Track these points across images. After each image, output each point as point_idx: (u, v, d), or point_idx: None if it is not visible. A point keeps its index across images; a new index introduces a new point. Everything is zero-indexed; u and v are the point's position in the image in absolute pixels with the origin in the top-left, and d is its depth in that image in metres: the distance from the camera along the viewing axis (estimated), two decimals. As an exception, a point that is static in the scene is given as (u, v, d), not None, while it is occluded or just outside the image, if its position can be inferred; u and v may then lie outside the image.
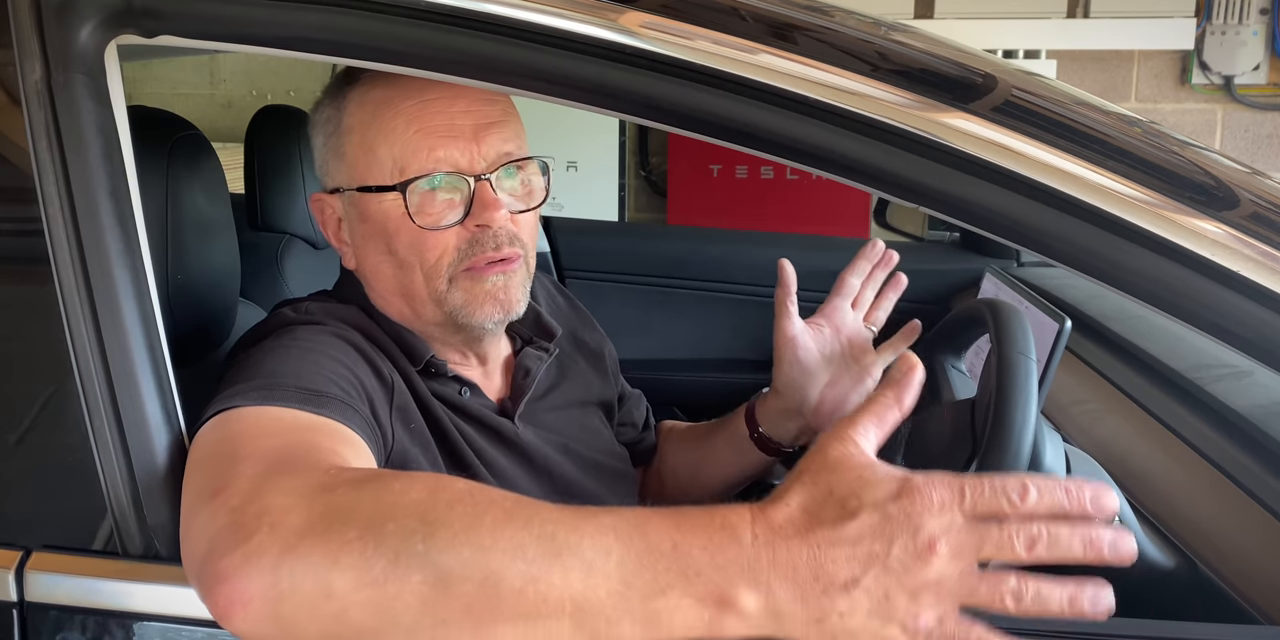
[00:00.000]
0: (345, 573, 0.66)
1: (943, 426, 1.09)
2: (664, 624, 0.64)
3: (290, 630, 0.69)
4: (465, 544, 0.66)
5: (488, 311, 1.05)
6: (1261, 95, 3.64)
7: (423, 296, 1.06)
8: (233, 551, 0.69)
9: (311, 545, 0.67)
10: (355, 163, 1.05)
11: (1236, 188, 0.98)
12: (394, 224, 1.03)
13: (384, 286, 1.09)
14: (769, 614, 0.63)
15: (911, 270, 2.15)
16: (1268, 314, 0.83)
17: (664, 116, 0.87)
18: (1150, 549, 1.04)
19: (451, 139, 1.02)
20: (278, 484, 0.73)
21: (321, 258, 1.84)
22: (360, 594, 0.66)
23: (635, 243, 2.31)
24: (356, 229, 1.08)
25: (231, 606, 0.68)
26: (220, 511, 0.73)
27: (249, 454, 0.79)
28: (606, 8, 0.87)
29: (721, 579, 0.63)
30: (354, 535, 0.67)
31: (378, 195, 1.03)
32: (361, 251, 1.09)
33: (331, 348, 0.99)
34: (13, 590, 0.86)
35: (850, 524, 0.63)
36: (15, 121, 0.87)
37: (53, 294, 0.86)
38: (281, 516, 0.69)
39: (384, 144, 1.03)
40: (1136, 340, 1.49)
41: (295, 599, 0.67)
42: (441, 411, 1.07)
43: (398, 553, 0.66)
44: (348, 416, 0.90)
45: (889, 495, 0.63)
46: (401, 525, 0.67)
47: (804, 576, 0.63)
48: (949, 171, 0.85)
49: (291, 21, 0.88)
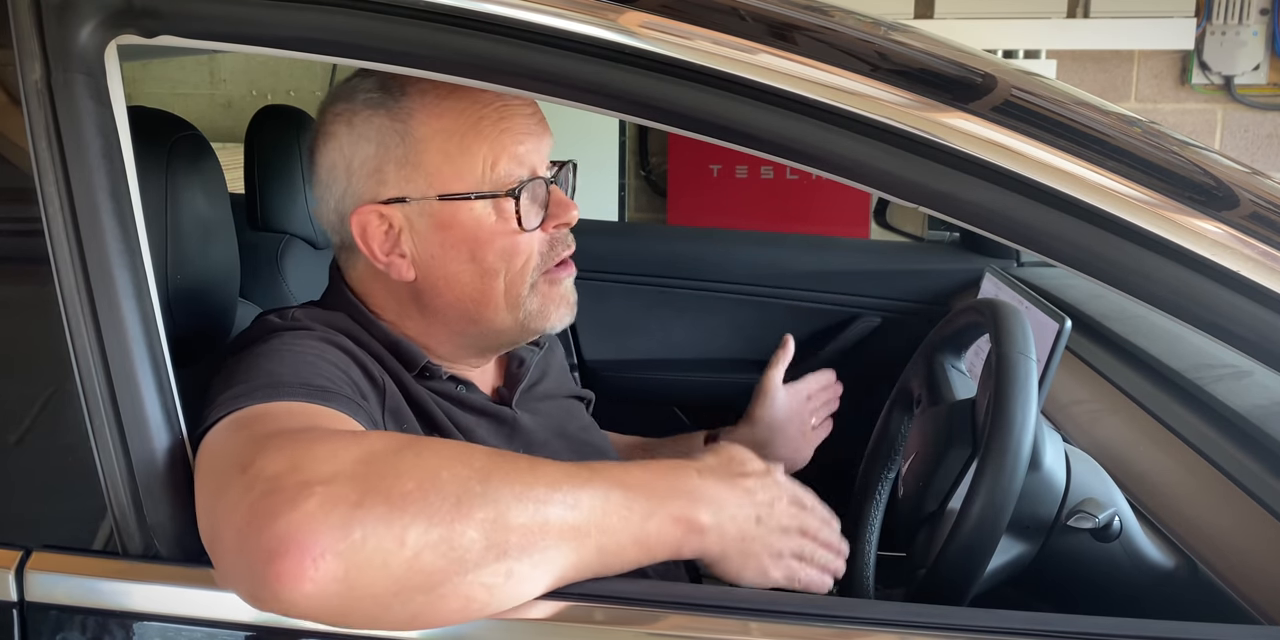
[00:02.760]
0: (416, 519, 0.73)
1: (943, 426, 1.09)
2: (653, 543, 0.83)
3: (358, 589, 0.71)
4: (515, 482, 0.78)
5: (561, 314, 1.09)
6: (1261, 95, 3.64)
7: (498, 304, 1.05)
8: (287, 515, 0.71)
9: (375, 500, 0.73)
10: (437, 171, 1.02)
11: (1236, 188, 0.98)
12: (487, 230, 1.03)
13: (454, 295, 1.06)
14: (715, 530, 0.86)
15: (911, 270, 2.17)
16: (1268, 314, 0.83)
17: (664, 116, 0.87)
18: (1150, 549, 1.04)
19: (530, 134, 1.04)
20: (311, 453, 0.76)
21: (321, 258, 1.84)
22: (432, 534, 0.73)
23: (635, 243, 2.30)
24: (429, 238, 1.04)
25: (300, 567, 0.69)
26: (257, 482, 0.74)
27: (269, 434, 0.81)
28: (606, 8, 0.87)
29: (687, 502, 0.85)
30: (413, 486, 0.74)
31: (469, 203, 1.02)
32: (434, 261, 1.05)
33: (322, 351, 0.99)
34: (13, 590, 0.86)
35: (749, 479, 0.91)
36: (15, 121, 0.87)
37: (53, 294, 0.86)
38: (330, 480, 0.73)
39: (477, 150, 1.02)
40: (1136, 340, 1.49)
41: (368, 550, 0.71)
42: (436, 407, 1.07)
43: (459, 496, 0.75)
44: (352, 410, 0.90)
45: (766, 469, 0.93)
46: (455, 474, 0.76)
47: (733, 504, 0.88)
48: (949, 171, 0.85)
49: (291, 21, 0.88)
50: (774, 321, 1.99)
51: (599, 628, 0.82)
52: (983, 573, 0.95)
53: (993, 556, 0.95)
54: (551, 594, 0.81)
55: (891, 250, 2.43)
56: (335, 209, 1.08)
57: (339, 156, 1.06)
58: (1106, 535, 1.02)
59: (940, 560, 0.96)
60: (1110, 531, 1.02)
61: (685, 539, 0.85)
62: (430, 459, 0.77)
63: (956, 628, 0.82)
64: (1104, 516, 1.01)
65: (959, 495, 1.00)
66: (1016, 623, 0.82)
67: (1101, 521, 1.01)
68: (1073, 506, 1.01)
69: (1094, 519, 1.01)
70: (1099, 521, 1.01)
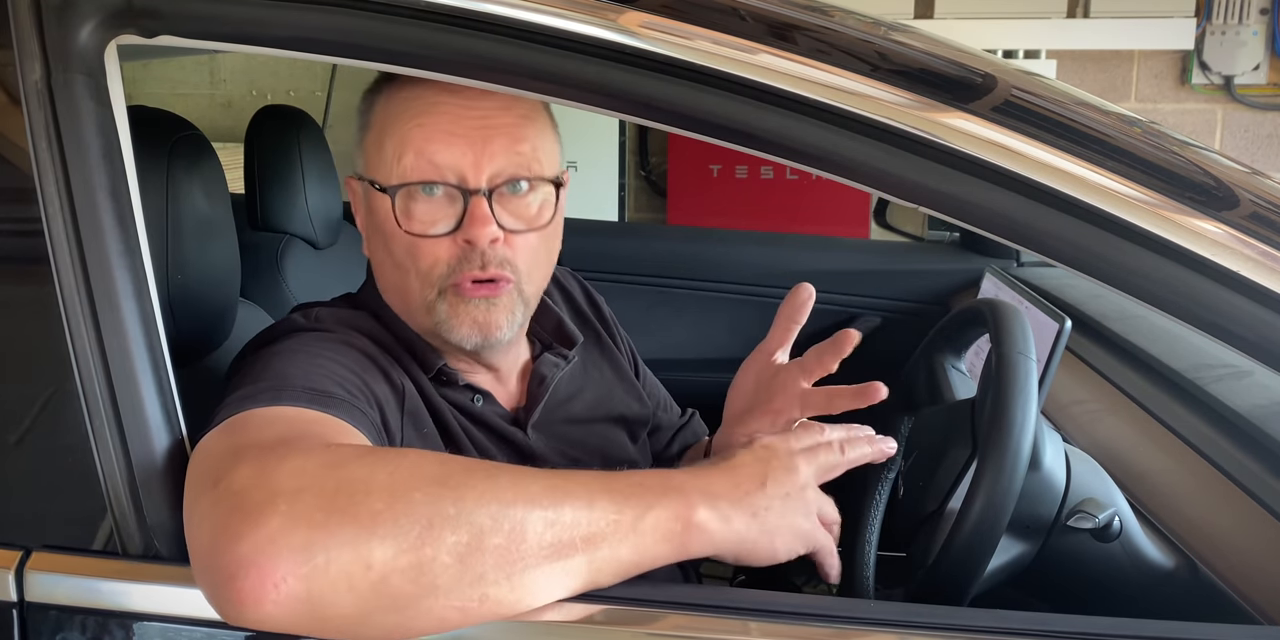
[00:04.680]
0: (384, 542, 0.70)
1: (943, 426, 1.09)
2: (649, 545, 0.79)
3: (322, 609, 0.70)
4: (492, 501, 0.74)
5: (465, 333, 1.02)
6: (1261, 95, 3.64)
7: (416, 301, 1.04)
8: (249, 535, 0.69)
9: (341, 521, 0.71)
10: (369, 157, 1.05)
11: (1236, 188, 0.98)
12: (390, 225, 1.02)
13: (385, 282, 1.08)
14: (720, 519, 0.82)
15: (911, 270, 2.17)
16: (1268, 314, 0.83)
17: (664, 116, 0.87)
18: (1150, 549, 1.04)
19: (454, 146, 0.99)
20: (280, 467, 0.74)
21: (322, 258, 1.84)
22: (400, 560, 0.70)
23: (635, 243, 2.30)
24: (367, 219, 1.07)
25: (261, 589, 0.68)
26: (224, 498, 0.73)
27: (248, 444, 0.79)
28: (606, 8, 0.87)
29: (682, 499, 0.81)
30: (381, 506, 0.71)
31: (378, 194, 1.02)
32: (370, 243, 1.08)
33: (339, 354, 0.98)
34: (13, 590, 0.86)
35: (735, 457, 0.88)
36: (15, 121, 0.87)
37: (53, 294, 0.86)
38: (295, 497, 0.71)
39: (390, 143, 1.01)
40: (1136, 340, 1.49)
41: (331, 573, 0.69)
42: (453, 418, 1.06)
43: (430, 518, 0.72)
44: (354, 417, 0.90)
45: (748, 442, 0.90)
46: (428, 493, 0.73)
47: (728, 488, 0.84)
48: (949, 171, 0.85)
49: (291, 21, 0.88)
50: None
51: (599, 628, 0.82)
52: (983, 573, 0.95)
53: (993, 556, 0.95)
54: None
55: (891, 250, 2.43)
56: None
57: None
58: (1106, 535, 1.02)
59: (940, 560, 0.96)
60: (1110, 531, 1.02)
61: (688, 539, 0.81)
62: (404, 477, 0.74)
63: (956, 628, 0.82)
64: (1104, 516, 1.01)
65: (959, 495, 1.00)
66: (1016, 623, 0.82)
67: (1101, 521, 1.01)
68: (1073, 506, 1.01)
69: (1094, 519, 1.01)
70: (1099, 521, 1.01)
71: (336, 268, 1.86)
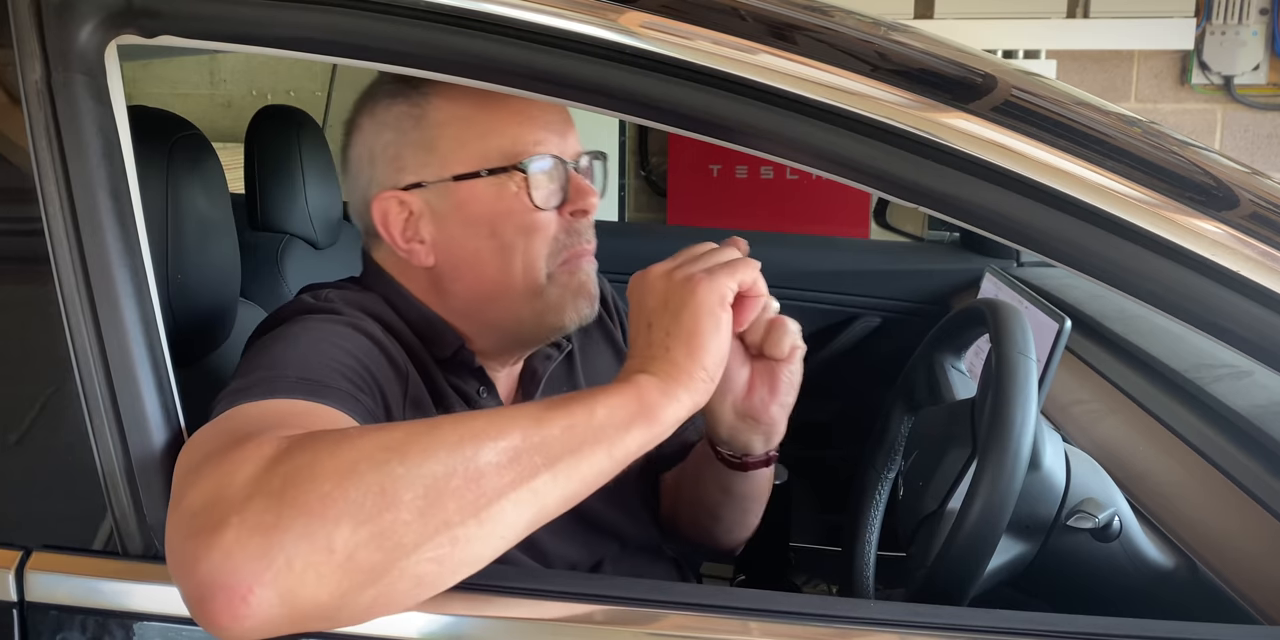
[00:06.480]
0: (339, 522, 0.69)
1: (943, 426, 1.09)
2: (616, 437, 0.78)
3: (299, 607, 0.69)
4: (438, 448, 0.73)
5: (579, 305, 1.07)
6: (1261, 95, 3.64)
7: (516, 288, 1.05)
8: (205, 557, 0.69)
9: (293, 516, 0.69)
10: (452, 152, 1.04)
11: (1236, 188, 0.98)
12: (504, 204, 1.03)
13: (473, 280, 1.07)
14: (664, 372, 0.82)
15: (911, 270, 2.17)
16: (1268, 314, 0.83)
17: (664, 116, 0.87)
18: (1150, 549, 1.04)
19: (553, 125, 1.05)
20: (232, 478, 0.72)
21: (322, 258, 1.84)
22: (361, 533, 0.69)
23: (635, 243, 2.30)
24: (451, 218, 1.06)
25: (232, 607, 0.68)
26: (180, 522, 0.72)
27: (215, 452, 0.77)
28: (606, 8, 0.87)
29: (620, 383, 0.81)
30: (330, 486, 0.70)
31: (485, 179, 1.03)
32: (455, 242, 1.06)
33: (343, 338, 0.98)
34: (13, 590, 0.86)
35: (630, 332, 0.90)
36: (15, 121, 0.87)
37: (53, 294, 0.86)
38: (244, 508, 0.70)
39: (493, 130, 1.03)
40: (1136, 340, 1.49)
41: (297, 570, 0.68)
42: (457, 407, 1.06)
43: (381, 484, 0.70)
44: (347, 405, 0.89)
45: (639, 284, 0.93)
46: (373, 461, 0.72)
47: (643, 346, 0.86)
48: (949, 171, 0.85)
49: (291, 21, 0.88)
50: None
51: (599, 628, 0.82)
52: (983, 573, 0.95)
53: (993, 556, 0.95)
54: (551, 594, 0.81)
55: (891, 250, 2.43)
56: (362, 198, 1.10)
57: (363, 147, 1.09)
58: (1106, 535, 1.02)
59: (940, 560, 0.96)
60: (1110, 531, 1.02)
61: (651, 409, 0.80)
62: (347, 452, 0.73)
63: (956, 628, 0.82)
64: (1104, 516, 1.01)
65: (959, 495, 1.00)
66: (1016, 623, 0.82)
67: (1101, 521, 1.01)
68: (1073, 506, 1.01)
69: (1094, 519, 1.01)
70: (1099, 521, 1.01)
71: (336, 268, 1.86)
